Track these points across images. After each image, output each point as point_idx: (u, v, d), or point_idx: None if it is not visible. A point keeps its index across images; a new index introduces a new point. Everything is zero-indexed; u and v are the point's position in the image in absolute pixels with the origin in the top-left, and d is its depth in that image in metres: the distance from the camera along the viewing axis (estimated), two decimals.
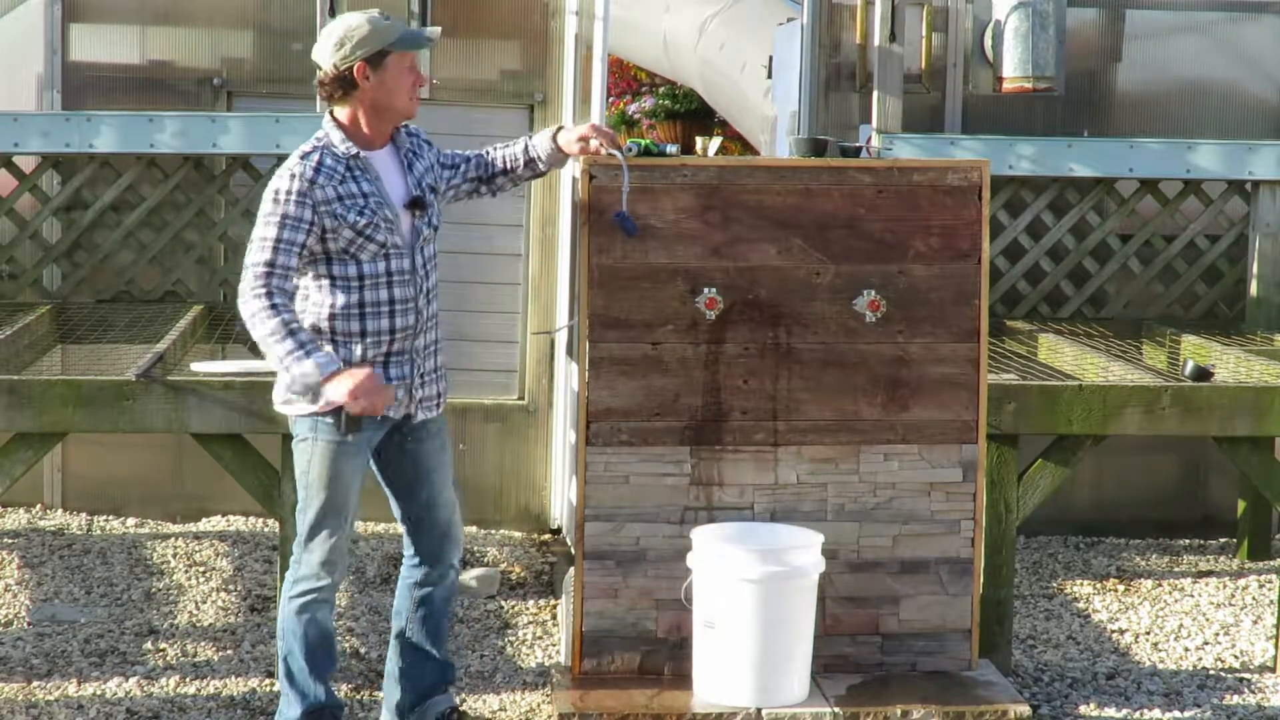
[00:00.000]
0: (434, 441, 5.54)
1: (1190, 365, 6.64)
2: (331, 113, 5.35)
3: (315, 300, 5.28)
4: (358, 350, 5.25)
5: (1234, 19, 8.73)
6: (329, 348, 5.23)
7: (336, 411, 5.22)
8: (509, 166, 5.65)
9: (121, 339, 7.33)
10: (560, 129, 5.68)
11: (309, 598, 5.39)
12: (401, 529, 5.64)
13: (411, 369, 5.38)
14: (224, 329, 7.75)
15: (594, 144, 5.62)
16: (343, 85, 5.29)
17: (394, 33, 5.29)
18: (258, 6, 8.34)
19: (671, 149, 6.01)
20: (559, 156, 5.66)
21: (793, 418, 5.94)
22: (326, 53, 5.29)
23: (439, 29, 5.46)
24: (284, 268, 5.16)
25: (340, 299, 5.26)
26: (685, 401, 5.90)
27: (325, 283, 5.26)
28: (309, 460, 5.33)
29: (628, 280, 5.86)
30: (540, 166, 5.68)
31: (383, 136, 5.37)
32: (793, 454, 5.94)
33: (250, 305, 5.14)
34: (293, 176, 5.22)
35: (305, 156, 5.26)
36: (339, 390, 5.11)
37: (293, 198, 5.19)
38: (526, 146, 5.65)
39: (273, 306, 5.11)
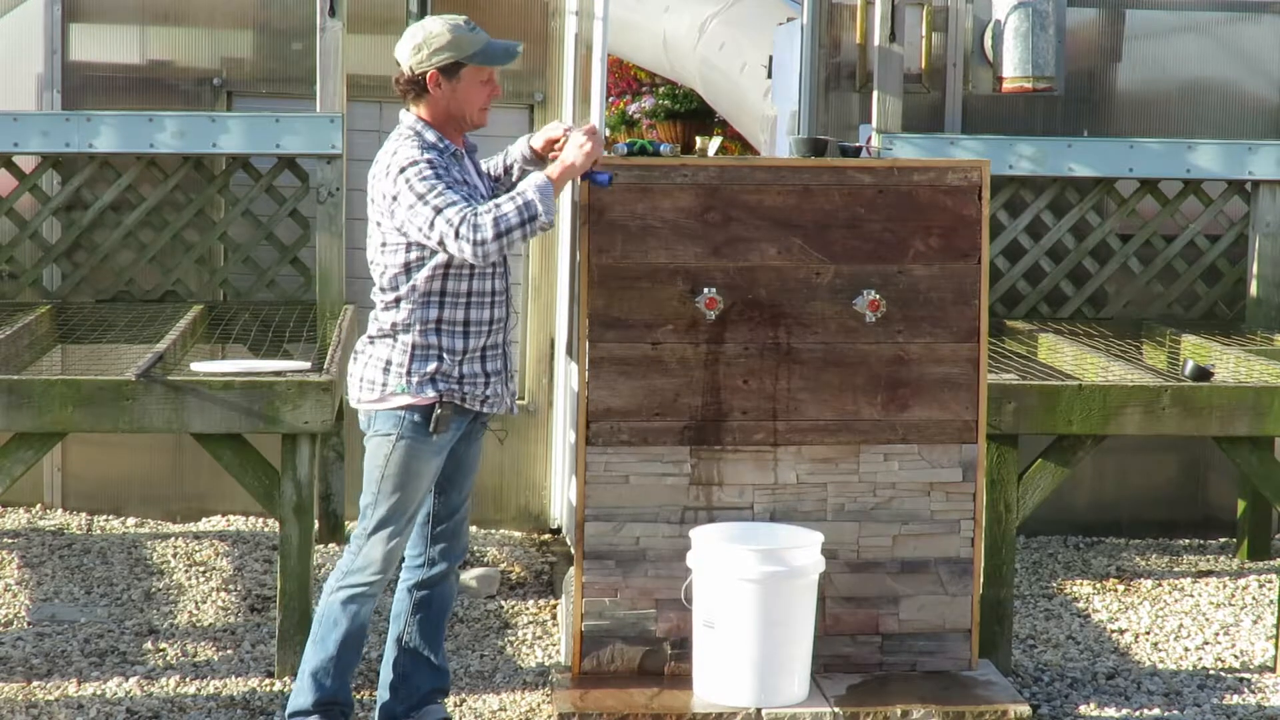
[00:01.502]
0: (479, 444, 5.60)
1: (1190, 365, 6.65)
2: (408, 108, 5.40)
3: (425, 290, 5.29)
4: (459, 342, 5.31)
5: (1234, 19, 8.73)
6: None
7: (427, 410, 5.27)
8: (495, 177, 5.68)
9: (121, 339, 7.33)
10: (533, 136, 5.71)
11: (358, 591, 5.39)
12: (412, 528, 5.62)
13: (504, 363, 5.46)
14: (224, 329, 7.75)
15: (561, 134, 5.62)
16: (415, 88, 5.36)
17: (473, 46, 5.31)
18: (258, 6, 8.34)
19: (666, 148, 6.00)
20: (535, 161, 5.66)
21: (793, 418, 5.94)
22: (405, 54, 5.35)
23: (520, 45, 5.46)
24: (465, 199, 5.22)
25: (452, 285, 5.30)
26: (685, 401, 5.90)
27: (441, 272, 5.28)
28: (387, 457, 5.34)
29: (628, 280, 5.86)
30: (516, 173, 5.69)
31: (457, 140, 5.43)
32: (793, 454, 5.94)
33: (476, 242, 5.17)
34: (413, 160, 5.22)
35: (406, 141, 5.28)
36: (576, 167, 5.43)
37: (425, 161, 5.23)
38: (505, 155, 5.69)
39: (479, 217, 5.18)
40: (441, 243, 5.19)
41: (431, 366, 5.31)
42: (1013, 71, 8.13)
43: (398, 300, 5.31)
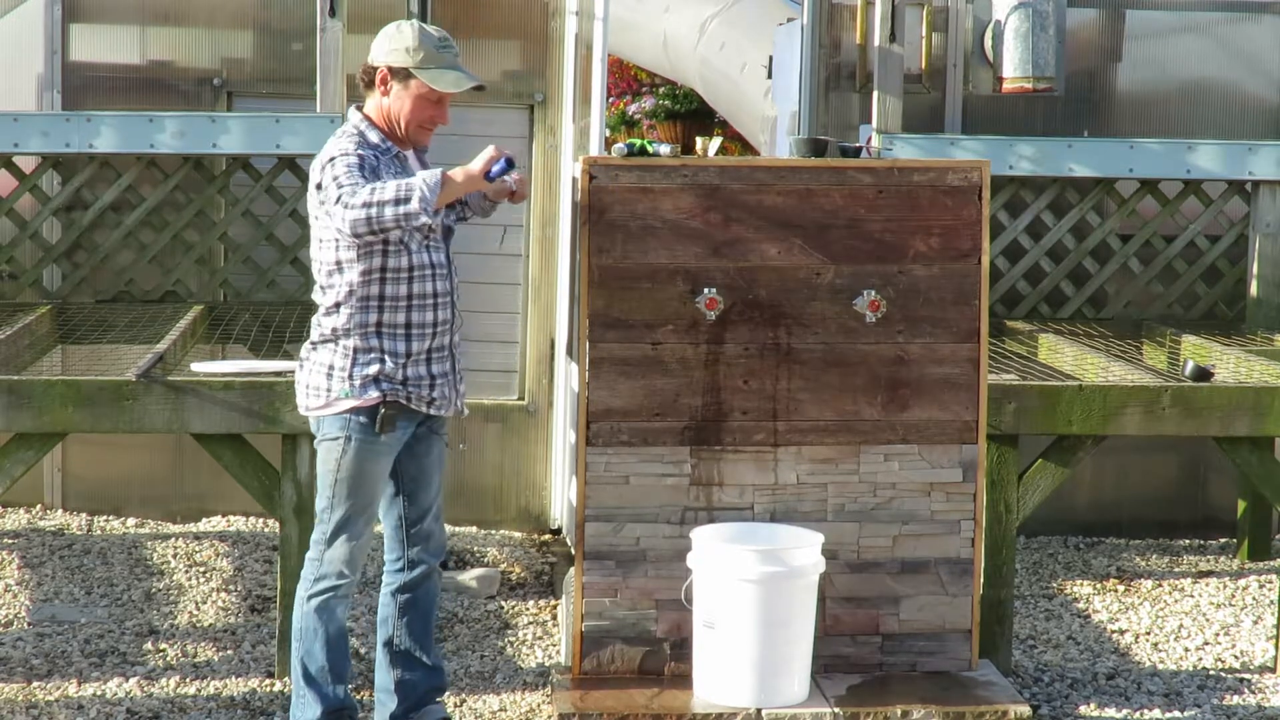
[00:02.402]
0: (439, 445, 5.54)
1: (1190, 365, 6.65)
2: (359, 107, 5.37)
3: (362, 295, 5.26)
4: (401, 345, 5.28)
5: (1234, 19, 8.73)
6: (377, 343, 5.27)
7: (372, 411, 5.26)
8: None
9: (121, 339, 7.33)
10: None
11: (328, 595, 5.38)
12: (384, 532, 5.60)
13: (452, 365, 5.42)
14: (224, 329, 7.75)
15: (510, 181, 5.44)
16: (367, 80, 5.35)
17: (427, 61, 5.27)
18: (258, 6, 8.34)
19: (665, 149, 6.00)
20: (485, 205, 5.58)
21: (793, 418, 5.94)
22: (376, 44, 5.35)
23: (477, 81, 5.35)
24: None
25: (390, 290, 5.27)
26: (685, 402, 5.90)
27: (376, 276, 5.26)
28: (338, 460, 5.32)
29: (628, 280, 5.86)
30: (466, 212, 5.61)
31: (403, 143, 5.38)
32: (793, 454, 5.94)
33: (347, 205, 5.08)
34: (344, 152, 5.18)
35: (346, 137, 5.26)
36: (476, 172, 5.15)
37: (352, 155, 5.17)
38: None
39: (370, 189, 5.07)
40: (332, 217, 5.14)
41: (374, 369, 5.27)
42: (1013, 72, 8.13)
43: (337, 305, 5.28)
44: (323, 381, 5.33)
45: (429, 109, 5.33)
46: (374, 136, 5.31)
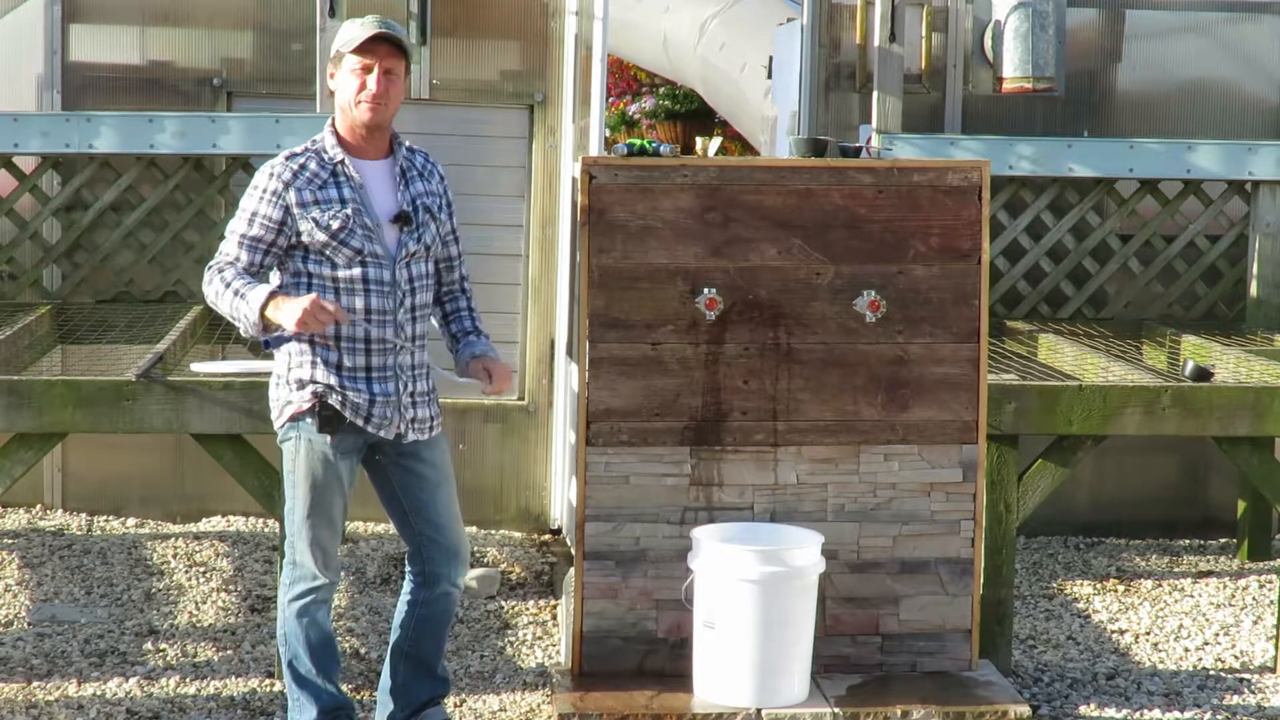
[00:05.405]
0: (440, 460, 5.48)
1: (1190, 365, 6.65)
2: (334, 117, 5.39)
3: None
4: (333, 355, 5.25)
5: (1234, 19, 8.74)
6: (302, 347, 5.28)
7: (313, 411, 5.25)
8: (443, 315, 5.59)
9: (121, 339, 7.33)
10: (485, 357, 5.51)
11: (308, 599, 5.38)
12: (406, 547, 5.58)
13: (397, 387, 5.32)
14: (224, 329, 7.75)
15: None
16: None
17: (347, 33, 5.29)
18: (258, 6, 8.34)
19: (665, 149, 6.00)
20: (462, 368, 5.54)
21: (793, 418, 5.94)
22: None
23: (376, 30, 5.23)
24: (249, 264, 5.25)
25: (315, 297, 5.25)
26: (685, 402, 5.90)
27: (303, 280, 5.27)
28: (293, 460, 5.33)
29: (628, 280, 5.86)
30: (448, 341, 5.59)
31: (373, 145, 5.32)
32: (793, 454, 5.94)
33: (209, 283, 5.25)
34: (271, 175, 5.27)
35: (291, 158, 5.29)
36: (285, 317, 5.12)
37: (267, 196, 5.25)
38: (460, 335, 5.56)
39: (220, 272, 5.23)
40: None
41: (307, 373, 5.26)
42: (1013, 72, 8.14)
43: None
44: (274, 392, 5.38)
45: (357, 79, 5.26)
46: (331, 151, 5.27)
